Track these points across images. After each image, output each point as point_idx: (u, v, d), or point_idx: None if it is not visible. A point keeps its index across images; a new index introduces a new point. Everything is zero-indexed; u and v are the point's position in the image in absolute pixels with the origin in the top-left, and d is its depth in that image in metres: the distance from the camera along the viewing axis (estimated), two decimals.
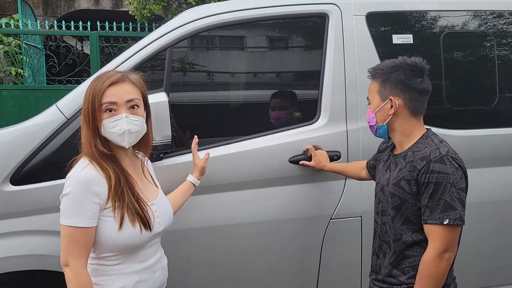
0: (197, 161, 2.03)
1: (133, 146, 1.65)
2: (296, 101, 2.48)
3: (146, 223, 1.51)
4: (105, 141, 1.54)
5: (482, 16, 2.47)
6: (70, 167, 1.53)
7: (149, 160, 1.81)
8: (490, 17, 2.47)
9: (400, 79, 1.61)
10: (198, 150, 2.07)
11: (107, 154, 1.52)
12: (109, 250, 1.50)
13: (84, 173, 1.45)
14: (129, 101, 1.54)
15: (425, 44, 2.41)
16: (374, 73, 1.66)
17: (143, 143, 1.66)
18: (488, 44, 2.48)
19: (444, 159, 1.50)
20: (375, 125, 1.66)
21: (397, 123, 1.64)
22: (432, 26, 2.42)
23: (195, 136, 2.06)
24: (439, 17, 2.42)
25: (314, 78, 2.34)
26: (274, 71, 2.51)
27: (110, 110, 1.51)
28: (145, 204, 1.55)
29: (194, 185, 2.01)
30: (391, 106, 1.61)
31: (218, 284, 2.27)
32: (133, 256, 1.54)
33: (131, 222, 1.48)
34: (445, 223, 1.46)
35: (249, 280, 2.30)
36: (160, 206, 1.64)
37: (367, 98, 1.71)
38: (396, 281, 1.61)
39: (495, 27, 2.48)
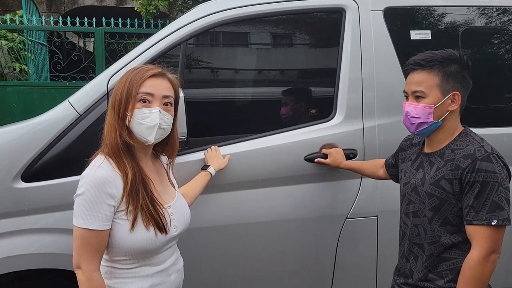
0: (220, 156, 2.08)
1: (159, 149, 1.61)
2: (311, 98, 2.43)
3: (161, 226, 1.45)
4: (130, 135, 1.48)
5: (502, 12, 2.42)
6: (88, 164, 1.47)
7: (166, 159, 1.75)
8: (510, 13, 2.42)
9: (462, 74, 1.54)
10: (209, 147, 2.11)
11: (129, 148, 1.46)
12: (123, 254, 1.45)
13: (99, 173, 1.39)
14: (165, 97, 1.50)
15: (444, 40, 2.36)
16: (431, 64, 1.53)
17: (168, 145, 1.61)
18: (508, 41, 2.42)
19: (490, 157, 1.43)
20: (431, 121, 1.53)
21: (448, 120, 1.55)
22: (451, 21, 2.37)
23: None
24: (458, 12, 2.37)
25: (330, 74, 2.30)
26: (290, 68, 2.47)
27: (145, 101, 1.46)
28: (161, 207, 1.49)
29: (211, 175, 2.00)
30: (451, 101, 1.53)
31: (232, 284, 2.23)
32: (148, 259, 1.49)
33: (144, 225, 1.42)
34: (493, 223, 1.40)
35: (264, 280, 2.26)
36: (177, 209, 1.58)
37: (413, 92, 1.56)
38: (432, 286, 1.54)
39: None
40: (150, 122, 1.45)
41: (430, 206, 1.53)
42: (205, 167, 2.03)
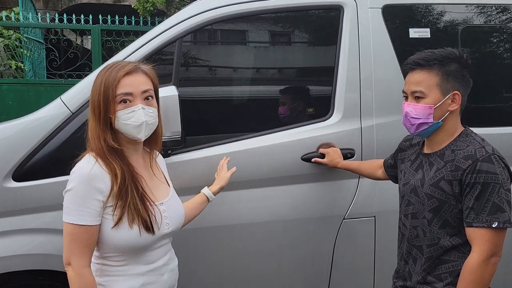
0: (223, 173, 1.92)
1: (144, 142, 1.57)
2: (308, 97, 2.40)
3: (148, 226, 1.43)
4: (115, 136, 1.46)
5: (502, 11, 2.39)
6: (75, 164, 1.45)
7: (161, 157, 1.74)
8: (510, 11, 2.39)
9: (462, 73, 1.51)
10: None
11: (116, 149, 1.44)
12: (112, 250, 1.44)
13: (88, 168, 1.38)
14: (144, 91, 1.47)
15: (443, 39, 2.33)
16: (430, 64, 1.49)
17: (153, 138, 1.57)
18: (508, 40, 2.39)
19: (491, 158, 1.40)
20: (431, 122, 1.50)
21: (448, 120, 1.52)
22: (451, 20, 2.34)
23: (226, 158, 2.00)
24: (458, 10, 2.34)
25: (327, 73, 2.26)
26: (287, 66, 2.43)
27: (125, 101, 1.43)
28: (152, 204, 1.47)
29: (209, 200, 1.85)
30: (451, 101, 1.50)
31: (228, 285, 2.21)
32: (139, 257, 1.47)
33: (129, 223, 1.40)
34: (493, 226, 1.37)
35: (259, 281, 2.23)
36: (170, 206, 1.56)
37: (412, 92, 1.52)
38: None
39: None
40: (135, 121, 1.43)
41: (429, 207, 1.50)
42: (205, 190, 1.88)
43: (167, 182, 1.64)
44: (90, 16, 6.47)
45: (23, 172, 1.93)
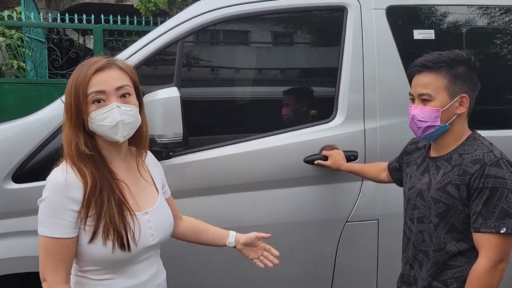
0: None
1: (131, 143, 1.46)
2: (311, 98, 2.38)
3: (123, 242, 1.28)
4: (91, 139, 1.34)
5: (506, 12, 2.36)
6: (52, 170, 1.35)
7: (153, 159, 1.59)
8: None
9: (470, 76, 1.49)
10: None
11: (89, 155, 1.32)
12: (91, 263, 1.31)
13: (62, 176, 1.27)
14: (119, 88, 1.32)
15: (448, 40, 2.31)
16: (438, 66, 1.47)
17: (136, 139, 1.43)
18: None
19: (500, 162, 1.38)
20: (438, 125, 1.48)
21: (456, 123, 1.50)
22: (455, 21, 2.32)
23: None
24: (462, 12, 2.32)
25: (331, 74, 2.25)
26: (290, 67, 2.41)
27: (99, 101, 1.30)
28: (132, 214, 1.34)
29: (226, 245, 1.70)
30: (459, 104, 1.48)
31: None
32: (121, 271, 1.34)
33: (103, 237, 1.27)
34: (502, 231, 1.35)
35: (261, 284, 2.21)
36: (156, 215, 1.42)
37: (419, 95, 1.49)
38: None
39: None
40: (110, 121, 1.30)
41: (436, 212, 1.48)
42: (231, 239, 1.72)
43: (156, 187, 1.49)
44: (92, 16, 6.47)
45: (23, 173, 1.92)
